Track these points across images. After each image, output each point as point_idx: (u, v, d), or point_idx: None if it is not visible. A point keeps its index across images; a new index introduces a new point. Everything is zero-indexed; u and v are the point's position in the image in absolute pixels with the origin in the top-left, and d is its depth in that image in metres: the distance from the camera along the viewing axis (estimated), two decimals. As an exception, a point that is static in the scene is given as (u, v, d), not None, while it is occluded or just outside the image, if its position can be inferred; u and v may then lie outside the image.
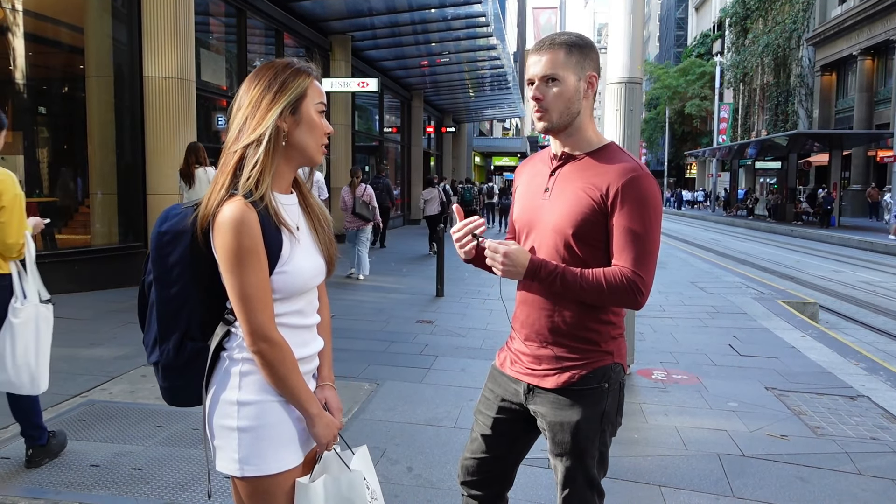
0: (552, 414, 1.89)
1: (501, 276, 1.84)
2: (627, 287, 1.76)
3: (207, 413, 1.62)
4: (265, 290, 1.53)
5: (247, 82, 1.61)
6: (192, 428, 3.91)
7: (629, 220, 1.77)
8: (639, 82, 5.16)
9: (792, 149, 29.68)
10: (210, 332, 1.62)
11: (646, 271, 1.78)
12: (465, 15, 15.81)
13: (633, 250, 1.77)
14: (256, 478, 1.58)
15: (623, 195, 1.77)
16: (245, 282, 1.50)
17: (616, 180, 1.78)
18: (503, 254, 1.79)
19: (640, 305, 1.81)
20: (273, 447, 1.58)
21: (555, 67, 1.82)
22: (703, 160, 56.06)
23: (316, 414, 1.62)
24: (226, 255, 1.50)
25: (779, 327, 7.21)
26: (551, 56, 1.83)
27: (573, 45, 1.84)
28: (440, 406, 4.47)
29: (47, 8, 8.97)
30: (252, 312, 1.52)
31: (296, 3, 13.28)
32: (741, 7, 43.33)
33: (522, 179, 2.06)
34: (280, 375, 1.56)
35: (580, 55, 1.84)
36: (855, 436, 4.08)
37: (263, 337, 1.53)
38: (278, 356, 1.55)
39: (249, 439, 1.56)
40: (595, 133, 1.92)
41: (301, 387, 1.59)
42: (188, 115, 8.82)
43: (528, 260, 1.80)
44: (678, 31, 75.85)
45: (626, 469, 3.53)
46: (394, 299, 8.63)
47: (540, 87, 1.85)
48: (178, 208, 1.61)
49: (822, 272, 14.01)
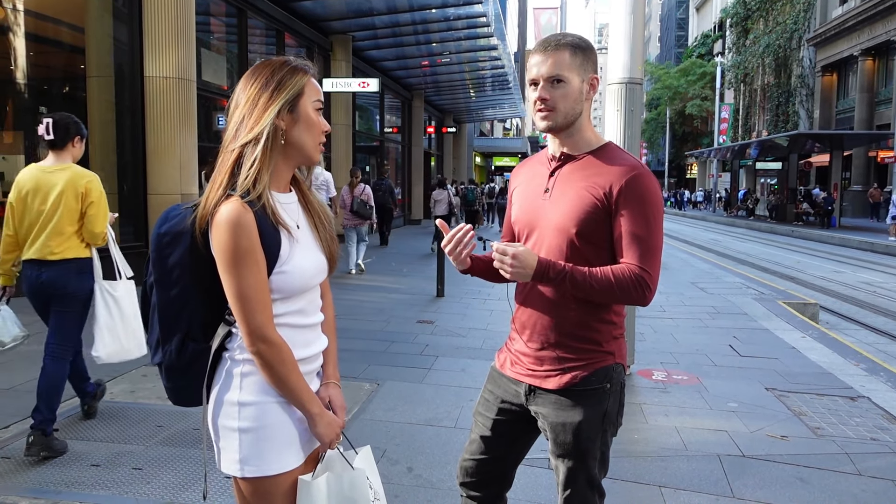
0: (554, 415, 1.89)
1: (510, 279, 1.84)
2: (636, 283, 1.78)
3: (210, 413, 1.62)
4: (263, 290, 1.53)
5: (244, 80, 1.60)
6: (193, 428, 3.92)
7: (633, 217, 1.79)
8: (639, 83, 5.16)
9: (792, 149, 29.67)
10: (211, 332, 1.61)
11: (652, 267, 1.80)
12: (465, 15, 15.82)
13: (639, 247, 1.79)
14: (257, 478, 1.57)
15: (626, 193, 1.79)
16: (243, 283, 1.50)
17: (618, 179, 1.80)
18: (511, 255, 1.78)
19: (647, 301, 1.82)
20: (274, 448, 1.58)
21: (560, 68, 1.83)
22: (703, 160, 56.06)
23: (317, 413, 1.61)
24: (223, 256, 1.49)
25: (779, 328, 7.21)
26: (557, 57, 1.83)
27: (577, 46, 1.85)
28: (440, 406, 4.47)
29: (48, 8, 8.97)
30: (250, 313, 1.51)
31: (296, 3, 13.29)
32: (742, 7, 43.34)
33: (519, 181, 2.07)
34: (280, 376, 1.55)
35: (583, 57, 1.86)
36: (855, 436, 4.08)
37: (262, 337, 1.52)
38: (277, 357, 1.54)
39: (250, 440, 1.56)
40: (593, 133, 1.94)
41: (301, 387, 1.58)
42: (189, 115, 8.82)
43: (537, 261, 1.80)
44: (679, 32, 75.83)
45: (626, 469, 3.53)
46: (394, 299, 8.63)
47: (546, 87, 1.85)
48: (178, 209, 1.60)
49: (823, 273, 14.01)
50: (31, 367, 4.98)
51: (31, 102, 9.15)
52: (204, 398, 1.63)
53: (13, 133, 9.02)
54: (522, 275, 1.80)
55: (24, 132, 8.98)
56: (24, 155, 8.64)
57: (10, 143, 8.90)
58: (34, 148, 9.12)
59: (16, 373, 4.84)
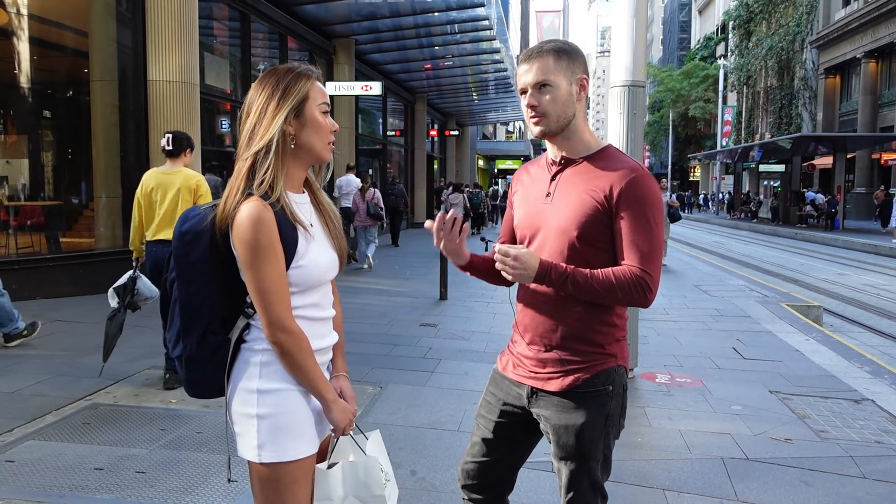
0: (556, 417, 1.89)
1: (512, 280, 1.86)
2: (637, 285, 1.79)
3: (228, 401, 1.71)
4: (283, 283, 1.63)
5: (252, 90, 1.71)
6: (196, 431, 3.92)
7: (633, 219, 1.80)
8: (642, 85, 5.16)
9: (796, 152, 29.60)
10: (231, 325, 1.71)
11: (652, 268, 1.81)
12: (468, 18, 15.84)
13: (640, 249, 1.80)
14: (273, 464, 1.65)
15: (626, 196, 1.80)
16: (263, 276, 1.60)
17: (618, 182, 1.81)
18: (514, 257, 1.80)
19: (648, 303, 1.83)
20: (290, 435, 1.66)
21: (546, 73, 1.85)
22: (706, 163, 56.00)
23: (332, 400, 1.71)
24: (245, 252, 1.59)
25: (783, 330, 7.19)
26: (541, 63, 1.86)
27: (560, 50, 1.87)
28: (443, 409, 4.47)
29: (52, 12, 9.01)
30: (271, 305, 1.61)
31: (299, 7, 13.31)
32: (744, 10, 43.30)
33: (520, 185, 2.08)
34: (298, 364, 1.65)
35: (568, 59, 1.87)
36: (859, 439, 4.06)
37: (282, 328, 1.62)
38: (296, 345, 1.64)
39: (267, 426, 1.65)
40: (591, 136, 1.95)
41: (318, 374, 1.68)
42: (192, 119, 8.84)
43: (539, 263, 1.81)
44: (681, 35, 75.80)
45: (629, 472, 3.52)
46: (397, 302, 8.64)
47: (533, 94, 1.87)
48: (197, 210, 1.72)
49: (827, 275, 13.98)
50: (34, 372, 5.01)
51: (35, 106, 9.20)
52: (225, 387, 1.72)
53: (17, 136, 9.06)
54: (524, 276, 1.81)
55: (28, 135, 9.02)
56: (27, 158, 8.67)
57: (15, 147, 8.94)
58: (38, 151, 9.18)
59: (19, 377, 4.85)
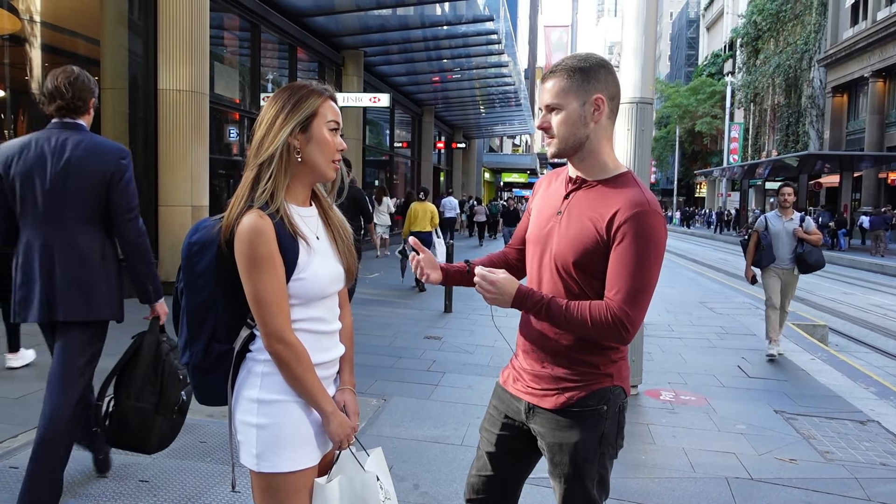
0: (551, 434, 1.88)
1: (489, 304, 1.85)
2: (612, 324, 1.73)
3: (232, 410, 1.73)
4: (281, 294, 1.63)
5: (267, 103, 1.73)
6: (199, 441, 3.92)
7: (626, 254, 1.73)
8: (650, 102, 5.16)
9: (802, 169, 29.60)
10: (235, 335, 1.75)
11: (634, 308, 1.73)
12: (476, 32, 15.94)
13: (625, 285, 1.73)
14: (270, 474, 1.66)
15: (625, 228, 1.73)
16: (261, 287, 1.61)
17: (621, 212, 1.74)
18: (490, 282, 1.80)
19: (626, 342, 1.78)
20: (289, 446, 1.67)
21: (554, 96, 1.82)
22: (712, 179, 55.97)
23: (331, 412, 1.71)
24: (244, 262, 1.61)
25: (788, 349, 7.16)
26: (552, 84, 1.83)
27: (575, 69, 1.81)
28: (447, 423, 4.46)
29: (64, 20, 9.09)
30: (269, 315, 1.62)
31: (309, 19, 13.42)
32: (752, 28, 43.43)
33: (540, 195, 2.06)
34: (296, 375, 1.65)
35: (582, 78, 1.80)
36: (865, 461, 4.04)
37: (279, 339, 1.63)
38: (293, 356, 1.65)
39: (266, 436, 1.66)
40: (612, 159, 1.88)
41: (316, 386, 1.69)
42: (201, 128, 8.90)
43: (516, 289, 1.80)
44: (689, 51, 76.06)
45: (633, 490, 3.51)
46: (402, 314, 8.64)
47: (546, 115, 1.87)
48: (207, 221, 1.74)
49: (832, 294, 13.92)
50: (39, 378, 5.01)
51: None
52: (229, 395, 1.74)
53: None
54: (500, 301, 1.80)
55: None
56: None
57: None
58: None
59: (25, 383, 4.86)
